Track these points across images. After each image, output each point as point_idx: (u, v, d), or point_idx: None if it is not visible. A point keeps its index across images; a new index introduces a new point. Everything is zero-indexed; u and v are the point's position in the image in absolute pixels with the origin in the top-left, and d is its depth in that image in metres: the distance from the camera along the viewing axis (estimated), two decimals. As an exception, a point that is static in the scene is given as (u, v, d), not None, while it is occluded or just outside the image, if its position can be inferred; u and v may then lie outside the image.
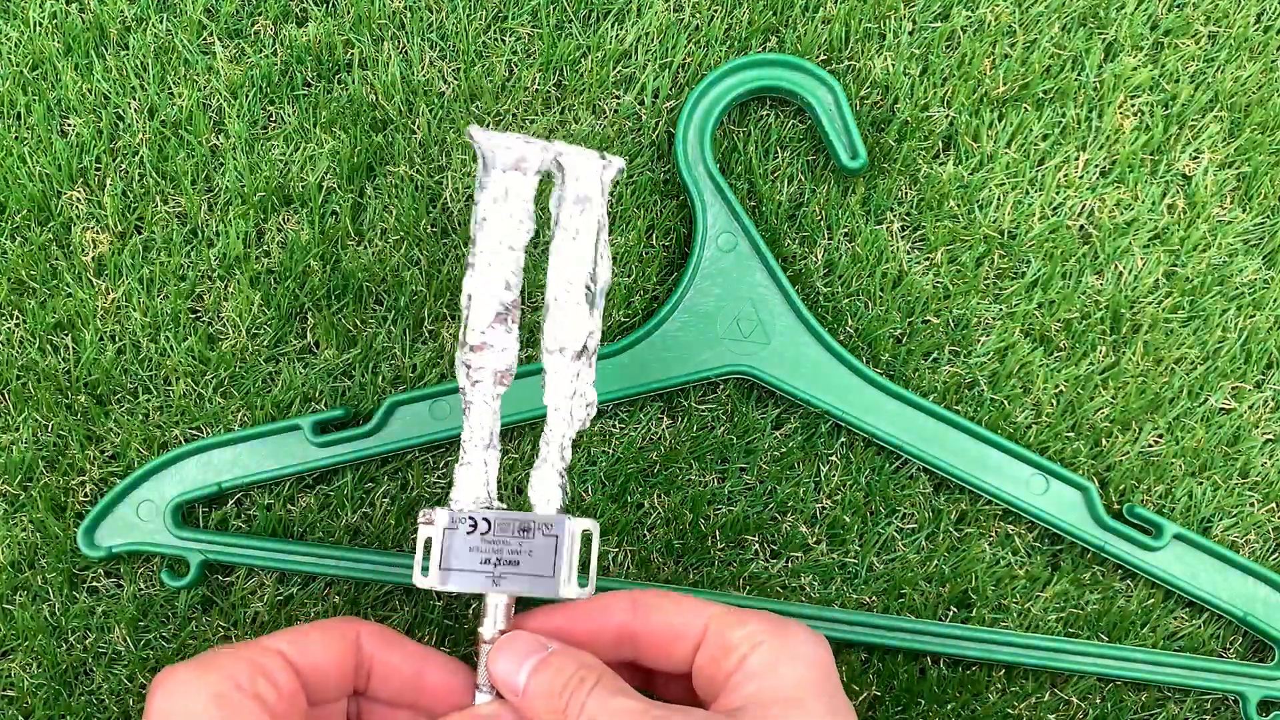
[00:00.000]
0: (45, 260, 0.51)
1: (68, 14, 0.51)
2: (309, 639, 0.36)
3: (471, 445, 0.39)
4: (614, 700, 0.33)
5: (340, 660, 0.36)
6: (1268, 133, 0.51)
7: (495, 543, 0.37)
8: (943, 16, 0.51)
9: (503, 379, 0.39)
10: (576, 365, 0.39)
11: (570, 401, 0.39)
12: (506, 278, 0.38)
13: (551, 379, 0.39)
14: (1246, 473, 0.50)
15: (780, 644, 0.34)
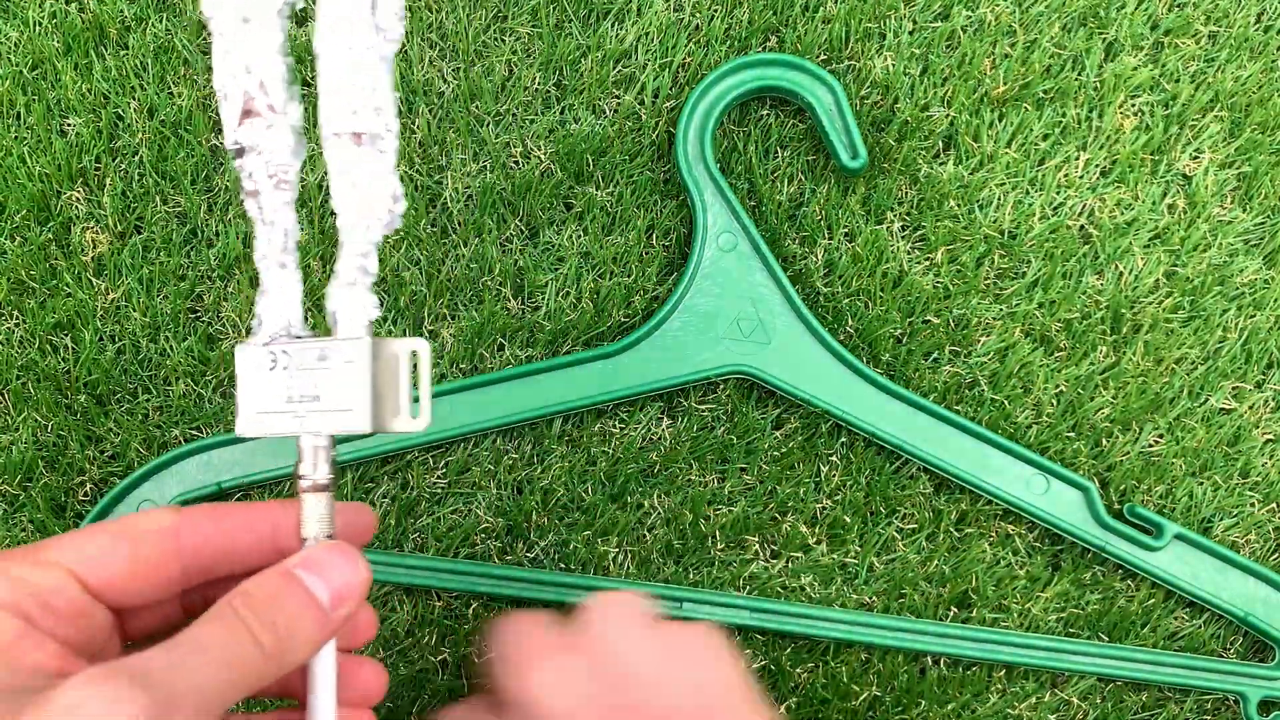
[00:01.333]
0: (45, 260, 0.51)
1: (67, 14, 0.51)
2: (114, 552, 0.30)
3: (264, 267, 0.33)
4: None
5: (149, 574, 0.30)
6: (1268, 132, 0.51)
7: (296, 376, 0.32)
8: (943, 16, 0.51)
9: (280, 183, 0.33)
10: (359, 152, 0.33)
11: (355, 193, 0.33)
12: (246, 62, 0.32)
13: (333, 170, 0.33)
14: (1247, 473, 0.50)
15: None
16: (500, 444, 0.51)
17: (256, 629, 0.28)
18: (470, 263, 0.51)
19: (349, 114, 0.32)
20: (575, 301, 0.51)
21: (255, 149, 0.33)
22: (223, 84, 0.33)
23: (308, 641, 0.30)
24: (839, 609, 0.49)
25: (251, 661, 0.28)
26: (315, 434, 0.33)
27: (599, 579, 0.50)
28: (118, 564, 0.29)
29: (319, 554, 0.31)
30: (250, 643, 0.28)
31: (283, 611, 0.29)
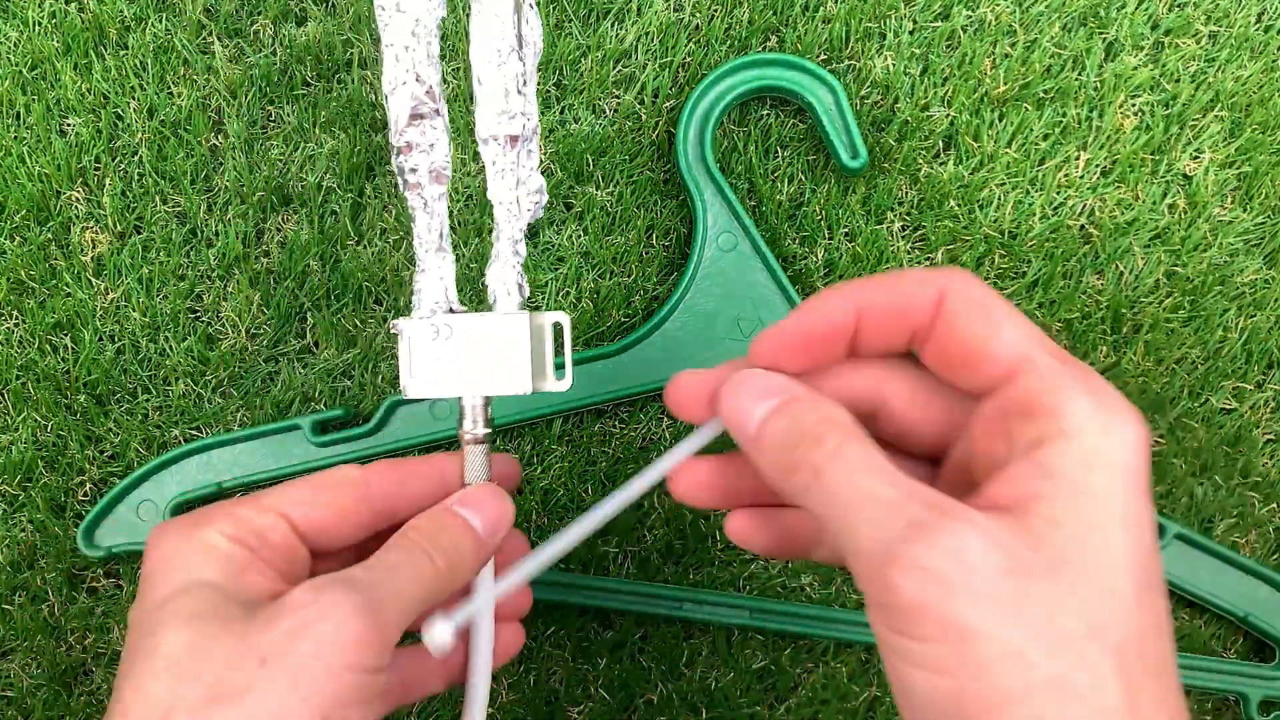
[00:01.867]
0: (44, 260, 0.51)
1: (67, 14, 0.51)
2: (315, 500, 0.35)
3: (423, 251, 0.38)
4: (861, 477, 0.27)
5: (344, 518, 0.35)
6: (1268, 132, 0.51)
7: (459, 346, 0.37)
8: (943, 16, 0.51)
9: (439, 177, 0.38)
10: (513, 153, 0.37)
11: (514, 193, 0.38)
12: (417, 71, 0.36)
13: (491, 171, 0.38)
14: (1248, 473, 0.50)
15: (1099, 440, 0.26)
16: (501, 444, 0.51)
17: (432, 552, 0.34)
18: (470, 263, 0.51)
19: (506, 119, 0.37)
20: (575, 301, 0.51)
21: (420, 147, 0.37)
22: (393, 88, 0.37)
23: (470, 561, 0.35)
24: (839, 609, 0.49)
25: (430, 578, 0.33)
26: (477, 395, 0.37)
27: (600, 579, 0.50)
28: (320, 510, 0.34)
29: (473, 493, 0.37)
30: (428, 562, 0.34)
31: (449, 538, 0.35)
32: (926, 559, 0.25)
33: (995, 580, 0.25)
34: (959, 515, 0.26)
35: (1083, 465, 0.26)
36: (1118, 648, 0.25)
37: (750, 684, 0.50)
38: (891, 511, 0.26)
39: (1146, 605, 0.26)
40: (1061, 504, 0.26)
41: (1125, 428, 0.27)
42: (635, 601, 0.49)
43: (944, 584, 0.25)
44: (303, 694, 0.29)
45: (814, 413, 0.29)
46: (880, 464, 0.28)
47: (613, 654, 0.50)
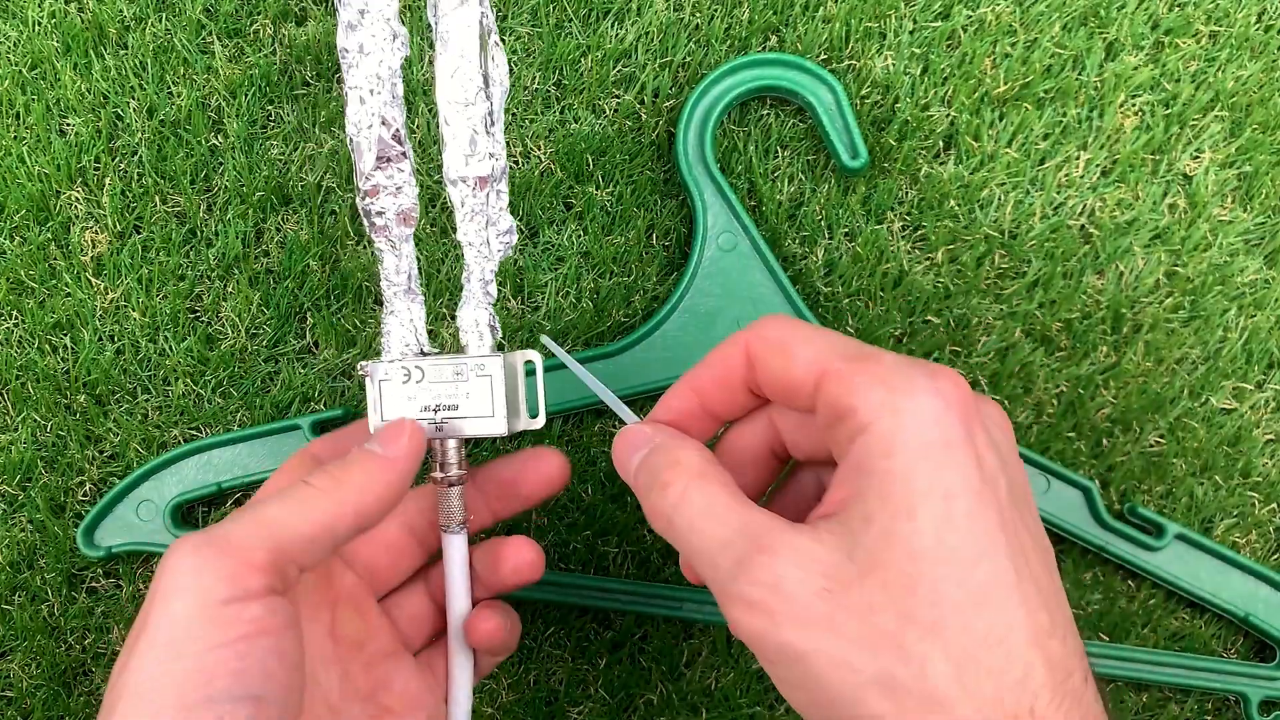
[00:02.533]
0: (44, 260, 0.51)
1: (66, 13, 0.51)
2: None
3: (391, 293, 0.38)
4: (697, 520, 0.30)
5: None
6: (1269, 132, 0.51)
7: (431, 389, 0.37)
8: (943, 16, 0.51)
9: (406, 219, 0.37)
10: (482, 194, 0.37)
11: (484, 233, 0.37)
12: (382, 114, 0.36)
13: (460, 212, 0.37)
14: (1248, 473, 0.50)
15: (892, 424, 0.28)
16: (501, 445, 0.51)
17: (311, 478, 0.33)
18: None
19: (474, 161, 0.37)
20: (575, 301, 0.51)
21: (387, 190, 0.37)
22: (358, 130, 0.37)
23: (361, 474, 0.34)
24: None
25: (306, 497, 0.33)
26: (454, 437, 0.37)
27: (600, 579, 0.49)
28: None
29: (383, 429, 0.36)
30: (302, 485, 0.33)
31: (338, 462, 0.34)
32: (750, 594, 0.28)
33: (812, 603, 0.27)
34: (777, 546, 0.28)
35: (881, 454, 0.28)
36: (933, 628, 0.27)
37: (750, 684, 0.50)
38: (723, 551, 0.29)
39: (964, 572, 0.27)
40: (871, 498, 0.28)
41: (913, 401, 0.28)
42: (635, 601, 0.49)
43: (769, 614, 0.28)
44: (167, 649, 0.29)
45: (664, 458, 0.32)
46: (720, 503, 0.30)
47: (613, 654, 0.50)
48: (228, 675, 0.29)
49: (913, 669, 0.26)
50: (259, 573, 0.31)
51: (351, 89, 0.36)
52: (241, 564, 0.30)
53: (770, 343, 0.32)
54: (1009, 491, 0.29)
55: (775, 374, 0.32)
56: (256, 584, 0.30)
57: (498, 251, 0.38)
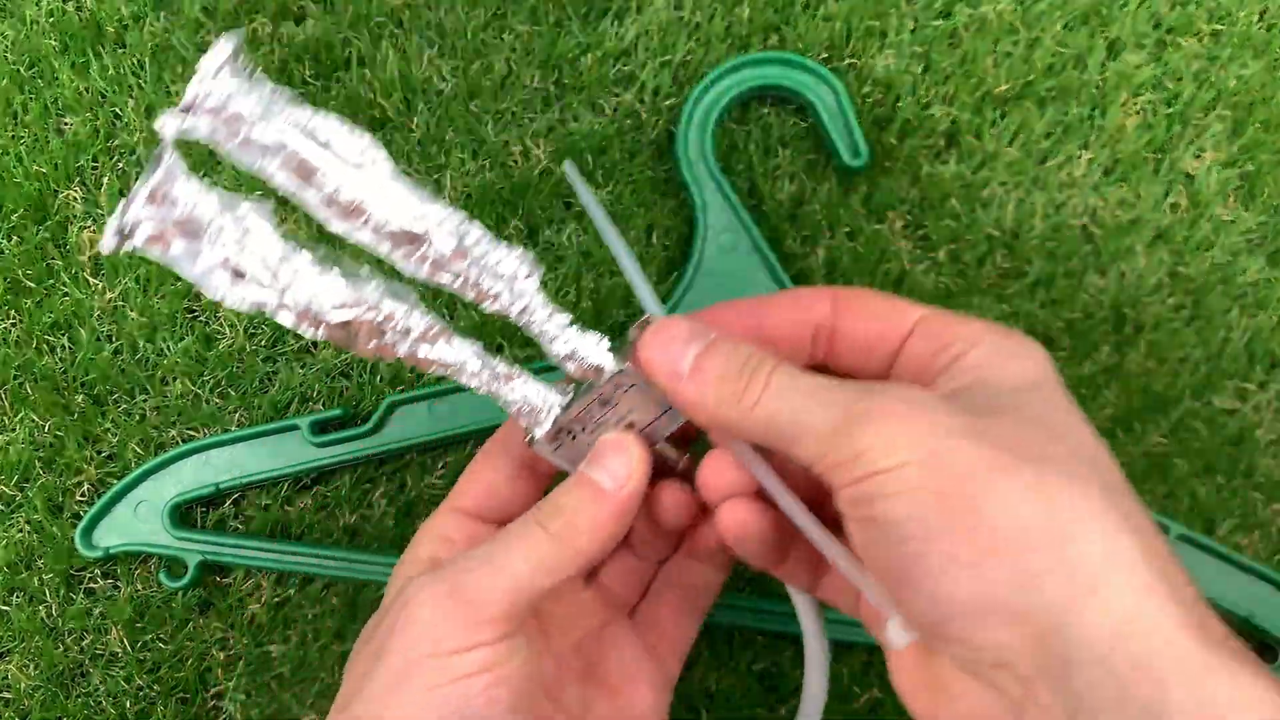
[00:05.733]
0: (42, 260, 0.51)
1: (64, 12, 0.51)
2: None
3: (488, 388, 0.34)
4: (804, 378, 0.30)
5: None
6: (1271, 131, 0.51)
7: (599, 425, 0.34)
8: (945, 14, 0.51)
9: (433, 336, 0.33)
10: (463, 264, 0.32)
11: (494, 286, 0.33)
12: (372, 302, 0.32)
13: (454, 286, 0.33)
14: (1250, 473, 0.50)
15: (1002, 342, 0.30)
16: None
17: (541, 519, 0.33)
18: (469, 262, 0.50)
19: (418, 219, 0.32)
20: (575, 301, 0.50)
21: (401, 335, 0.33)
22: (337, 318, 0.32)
23: (589, 519, 0.33)
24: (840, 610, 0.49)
25: (538, 543, 0.32)
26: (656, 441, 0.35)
27: (599, 580, 0.49)
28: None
29: (598, 448, 0.34)
30: (535, 529, 0.33)
31: (566, 498, 0.33)
32: (882, 405, 0.28)
33: (949, 415, 0.28)
34: (890, 387, 0.30)
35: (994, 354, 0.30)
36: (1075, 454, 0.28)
37: (750, 685, 0.49)
38: (836, 396, 0.29)
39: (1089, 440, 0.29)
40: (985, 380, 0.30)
41: (1020, 341, 0.31)
42: (635, 602, 0.49)
43: (908, 419, 0.27)
44: (399, 685, 0.31)
45: (745, 348, 0.31)
46: (814, 377, 0.30)
47: (613, 655, 0.50)
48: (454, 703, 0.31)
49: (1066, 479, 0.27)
50: (496, 624, 0.31)
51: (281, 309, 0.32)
52: (480, 619, 0.31)
53: (862, 292, 0.33)
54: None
55: (872, 313, 0.32)
56: (492, 634, 0.31)
57: (529, 281, 0.33)
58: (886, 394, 0.28)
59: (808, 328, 0.33)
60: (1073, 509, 0.26)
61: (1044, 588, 0.26)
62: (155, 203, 0.29)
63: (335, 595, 0.49)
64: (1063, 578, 0.26)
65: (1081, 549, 0.26)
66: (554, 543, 0.32)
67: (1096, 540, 0.26)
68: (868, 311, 0.32)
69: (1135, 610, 0.25)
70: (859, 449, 0.28)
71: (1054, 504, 0.26)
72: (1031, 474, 0.27)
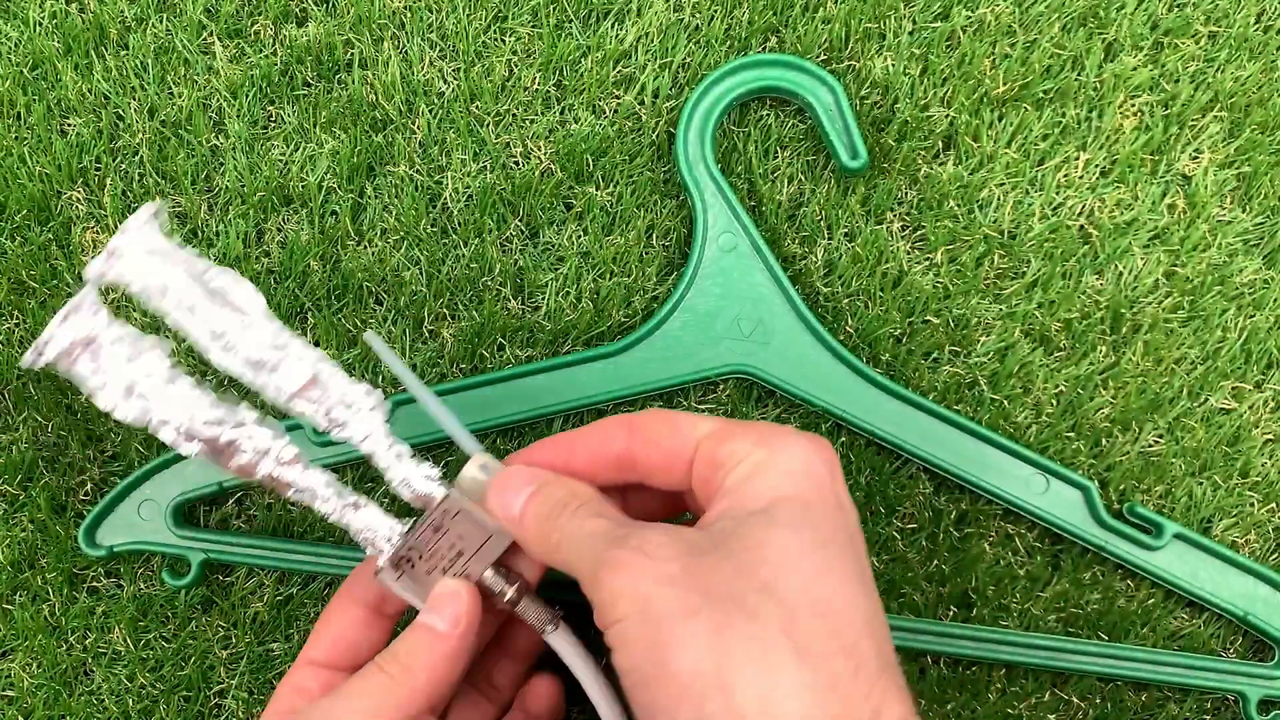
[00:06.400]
0: (45, 260, 0.51)
1: (67, 14, 0.51)
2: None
3: (337, 516, 0.39)
4: (589, 522, 0.34)
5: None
6: (1268, 133, 0.51)
7: (434, 553, 0.38)
8: (943, 16, 0.51)
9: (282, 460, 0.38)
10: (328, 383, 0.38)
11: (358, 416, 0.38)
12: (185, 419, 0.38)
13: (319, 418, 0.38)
14: (1247, 473, 0.50)
15: (764, 456, 0.33)
16: (500, 444, 0.51)
17: (382, 662, 0.36)
18: (470, 263, 0.51)
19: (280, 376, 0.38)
20: (575, 301, 0.51)
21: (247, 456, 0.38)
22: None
23: (426, 656, 0.36)
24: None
25: (381, 684, 0.36)
26: (486, 572, 0.38)
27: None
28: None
29: (434, 596, 0.38)
30: (376, 672, 0.36)
31: (404, 643, 0.37)
32: (620, 557, 0.31)
33: (671, 561, 0.31)
34: (648, 525, 0.33)
35: (746, 477, 0.33)
36: (770, 588, 0.30)
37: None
38: (603, 536, 0.33)
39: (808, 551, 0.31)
40: (733, 502, 0.33)
41: (784, 441, 0.34)
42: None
43: (633, 570, 0.31)
44: None
45: (563, 489, 0.36)
46: (606, 512, 0.34)
47: (613, 653, 0.50)
48: None
49: (745, 616, 0.30)
50: None
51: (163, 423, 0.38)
52: None
53: (657, 416, 0.37)
54: (859, 530, 0.33)
55: (659, 441, 0.36)
56: None
57: (371, 421, 0.38)
58: (626, 543, 0.32)
59: (609, 458, 0.37)
60: (742, 654, 0.29)
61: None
62: (67, 326, 0.35)
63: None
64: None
65: (742, 696, 0.29)
66: (394, 684, 0.36)
67: (753, 686, 0.29)
68: (655, 438, 0.36)
69: None
70: (600, 600, 0.32)
71: (726, 650, 0.29)
72: (713, 618, 0.30)
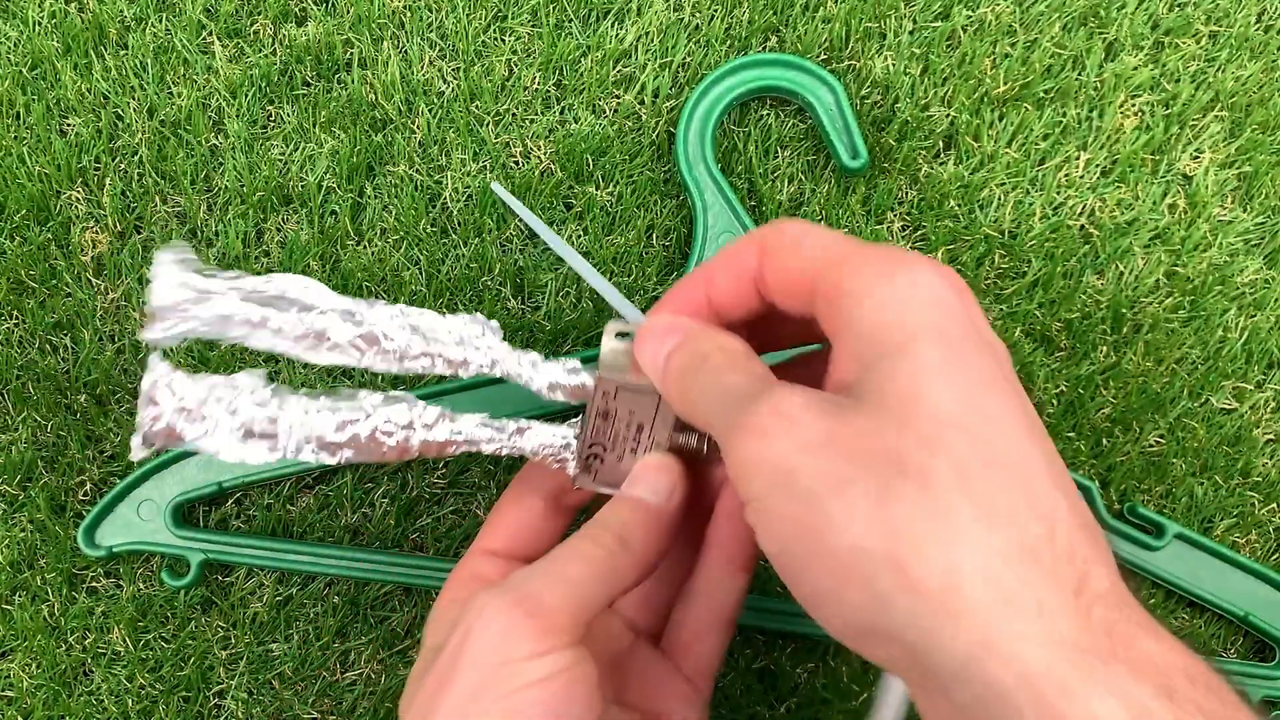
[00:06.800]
0: (44, 260, 0.51)
1: (67, 14, 0.51)
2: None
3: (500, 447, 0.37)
4: (727, 377, 0.31)
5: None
6: (1268, 132, 0.51)
7: (615, 438, 0.36)
8: (943, 16, 0.51)
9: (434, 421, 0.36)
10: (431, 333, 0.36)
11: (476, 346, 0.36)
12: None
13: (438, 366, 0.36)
14: (1248, 473, 0.50)
15: (888, 288, 0.28)
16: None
17: (595, 532, 0.34)
18: (470, 263, 0.51)
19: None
20: (575, 301, 0.51)
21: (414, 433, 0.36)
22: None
23: (641, 529, 0.34)
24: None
25: (596, 556, 0.33)
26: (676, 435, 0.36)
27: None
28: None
29: (638, 471, 0.36)
30: (590, 544, 0.33)
31: (614, 514, 0.34)
32: (754, 421, 0.28)
33: (814, 424, 0.27)
34: (788, 386, 0.29)
35: (874, 310, 0.28)
36: (934, 442, 0.26)
37: (750, 684, 0.50)
38: (738, 395, 0.30)
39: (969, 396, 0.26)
40: (866, 350, 0.28)
41: (908, 271, 0.29)
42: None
43: (769, 436, 0.28)
44: (478, 695, 0.31)
45: (709, 342, 0.32)
46: (743, 368, 0.31)
47: (613, 654, 0.50)
48: (534, 707, 0.31)
49: (911, 480, 0.25)
50: (564, 631, 0.32)
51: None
52: (548, 627, 0.31)
53: (783, 234, 0.32)
54: (1010, 364, 0.28)
55: (782, 266, 0.32)
56: (561, 641, 0.32)
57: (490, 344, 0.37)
58: (762, 404, 0.28)
59: (747, 282, 0.33)
60: (914, 525, 0.25)
61: (895, 611, 0.25)
62: (154, 404, 0.34)
63: (337, 594, 0.50)
64: (911, 601, 0.25)
65: (923, 570, 0.24)
66: (611, 556, 0.33)
67: (937, 557, 0.24)
68: (783, 263, 0.32)
69: (985, 631, 0.24)
70: (734, 473, 0.29)
71: (894, 523, 0.25)
72: (873, 487, 0.26)
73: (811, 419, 0.27)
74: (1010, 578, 0.24)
